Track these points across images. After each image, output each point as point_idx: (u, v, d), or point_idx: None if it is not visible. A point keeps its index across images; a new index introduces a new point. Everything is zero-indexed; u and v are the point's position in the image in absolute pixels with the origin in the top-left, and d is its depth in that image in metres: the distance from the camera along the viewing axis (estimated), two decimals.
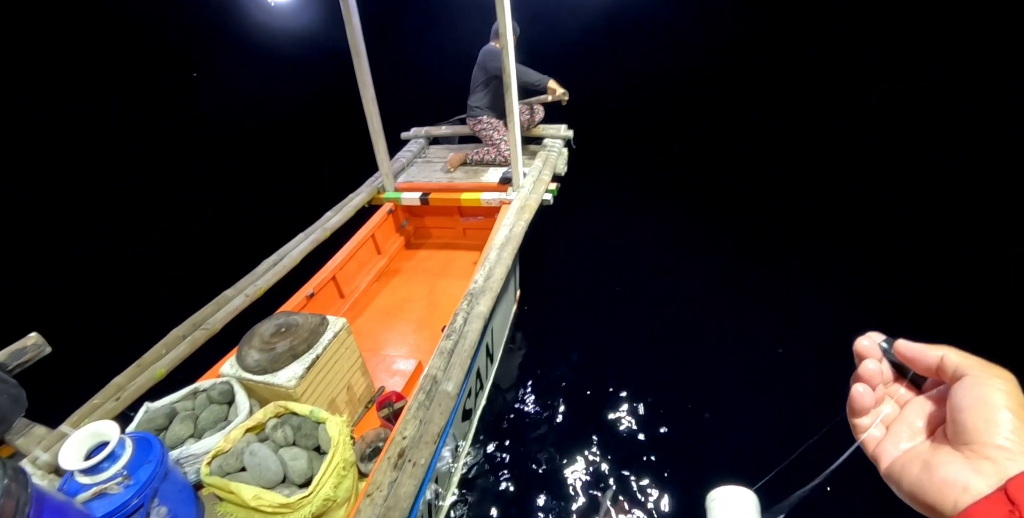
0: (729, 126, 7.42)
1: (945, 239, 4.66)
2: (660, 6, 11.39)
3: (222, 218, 6.56)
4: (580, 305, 4.48)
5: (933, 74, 7.69)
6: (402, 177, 4.31)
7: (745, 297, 4.34)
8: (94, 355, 3.12)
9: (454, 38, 5.36)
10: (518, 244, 3.27)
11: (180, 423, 2.04)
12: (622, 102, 8.33)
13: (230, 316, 2.75)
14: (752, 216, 5.42)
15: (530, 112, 4.40)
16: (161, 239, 6.21)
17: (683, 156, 6.91)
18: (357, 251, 3.75)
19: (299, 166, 7.89)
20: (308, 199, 4.39)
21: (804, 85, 8.33)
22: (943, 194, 5.26)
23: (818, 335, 3.77)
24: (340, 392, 2.51)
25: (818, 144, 6.61)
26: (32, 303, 5.06)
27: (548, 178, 3.90)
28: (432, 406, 2.19)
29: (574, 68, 9.18)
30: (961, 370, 0.48)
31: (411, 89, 8.33)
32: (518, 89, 3.84)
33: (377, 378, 2.93)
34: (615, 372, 3.77)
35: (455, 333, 2.57)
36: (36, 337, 2.35)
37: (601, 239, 5.35)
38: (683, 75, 9.07)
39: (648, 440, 3.27)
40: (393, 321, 3.59)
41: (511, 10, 3.09)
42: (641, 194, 6.19)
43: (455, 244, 4.37)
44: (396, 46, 11.36)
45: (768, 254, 4.80)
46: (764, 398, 3.42)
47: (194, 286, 3.30)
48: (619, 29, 11.27)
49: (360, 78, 3.59)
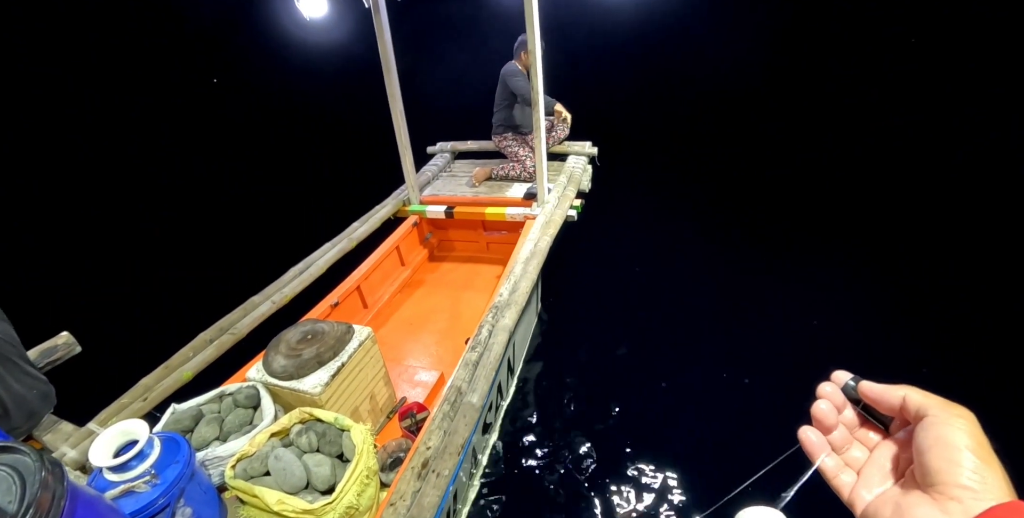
0: (752, 145, 7.41)
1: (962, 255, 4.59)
2: (684, 23, 11.48)
3: (251, 225, 6.67)
4: (600, 321, 4.44)
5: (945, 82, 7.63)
6: (428, 190, 4.35)
7: (769, 312, 4.28)
8: (123, 356, 3.16)
9: (481, 54, 5.45)
10: (543, 259, 3.27)
11: (206, 425, 2.05)
12: (646, 119, 8.36)
13: (256, 322, 2.77)
14: (776, 233, 5.37)
15: (554, 129, 4.44)
16: (190, 245, 6.34)
17: (706, 173, 6.89)
18: (382, 262, 3.77)
19: (326, 176, 8.03)
20: (334, 209, 4.44)
21: (827, 102, 8.31)
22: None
23: (844, 351, 3.72)
24: (363, 401, 2.50)
25: (848, 161, 6.56)
26: (64, 303, 5.16)
27: (573, 194, 3.91)
28: (456, 417, 2.18)
29: (600, 86, 9.32)
30: (923, 410, 0.48)
31: (437, 104, 8.46)
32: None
33: (399, 388, 2.92)
34: (635, 389, 3.71)
35: (480, 345, 2.56)
36: (67, 336, 2.39)
37: (622, 256, 5.32)
38: (708, 91, 9.11)
39: (669, 458, 3.20)
40: (416, 332, 3.59)
41: (539, 25, 3.14)
42: (664, 210, 6.16)
43: (478, 258, 4.38)
44: (424, 61, 11.60)
45: (792, 269, 4.74)
46: (795, 414, 3.34)
47: (222, 291, 3.34)
48: (643, 47, 11.38)
49: (390, 92, 3.66)
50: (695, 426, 3.40)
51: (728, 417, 3.45)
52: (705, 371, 3.82)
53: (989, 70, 7.71)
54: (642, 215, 6.08)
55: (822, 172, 6.37)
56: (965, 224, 4.86)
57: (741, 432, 3.31)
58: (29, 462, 1.10)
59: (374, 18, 3.33)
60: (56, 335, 2.36)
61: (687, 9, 11.29)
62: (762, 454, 0.67)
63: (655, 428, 3.41)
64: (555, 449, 3.34)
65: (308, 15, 3.35)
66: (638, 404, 3.60)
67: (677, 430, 3.39)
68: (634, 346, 4.12)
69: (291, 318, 2.68)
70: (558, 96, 4.32)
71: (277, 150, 9.47)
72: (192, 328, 2.63)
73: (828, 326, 4.02)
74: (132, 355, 2.79)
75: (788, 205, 5.83)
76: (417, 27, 12.09)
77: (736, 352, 3.96)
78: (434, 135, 5.06)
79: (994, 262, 4.37)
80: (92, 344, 2.52)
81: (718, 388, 3.67)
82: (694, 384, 3.73)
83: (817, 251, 4.97)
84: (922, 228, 4.96)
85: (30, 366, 2.04)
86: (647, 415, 3.52)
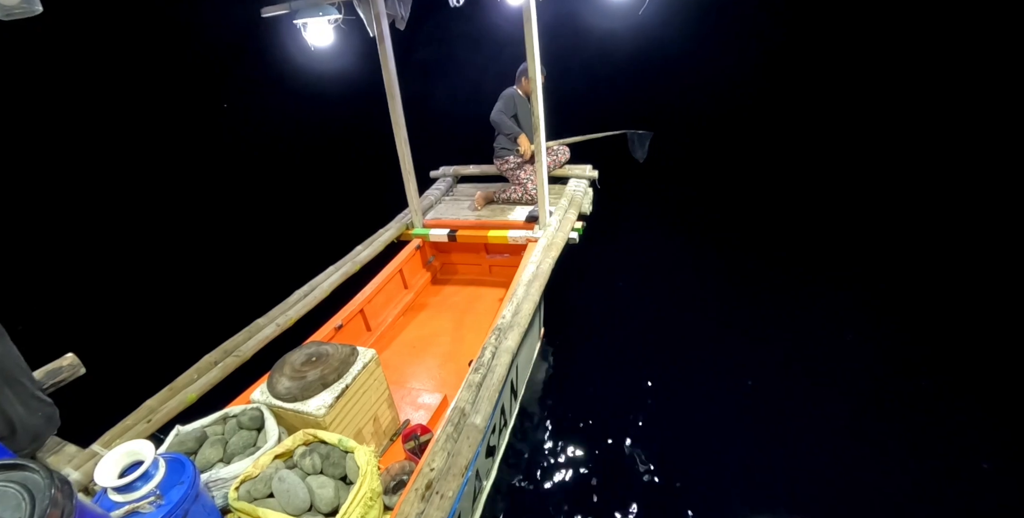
0: (751, 167, 7.50)
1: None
2: (681, 49, 11.72)
3: (256, 248, 6.73)
4: (603, 342, 4.44)
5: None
6: (431, 214, 4.40)
7: (770, 334, 4.28)
8: (127, 378, 3.17)
9: (484, 79, 5.58)
10: (545, 281, 3.29)
11: (210, 447, 2.04)
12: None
13: (261, 344, 2.79)
14: (779, 254, 5.40)
15: (555, 153, 4.51)
16: (196, 267, 6.39)
17: (707, 196, 6.97)
18: (385, 285, 3.80)
19: (331, 199, 8.13)
20: (339, 232, 4.48)
21: (823, 123, 8.44)
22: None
23: (848, 374, 3.72)
24: (367, 423, 2.50)
25: (844, 185, 6.63)
26: (69, 325, 5.18)
27: (574, 217, 3.95)
28: (460, 438, 2.17)
29: (600, 109, 9.46)
30: None
31: (441, 128, 8.61)
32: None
33: (402, 411, 2.91)
34: (639, 411, 3.69)
35: (483, 367, 2.57)
36: (72, 358, 2.41)
37: (625, 278, 5.35)
38: (708, 114, 9.26)
39: (676, 484, 3.17)
40: (419, 355, 3.59)
41: (540, 53, 3.23)
42: (665, 233, 6.22)
43: (481, 281, 4.40)
44: (428, 86, 11.84)
45: (794, 294, 4.75)
46: (798, 437, 3.31)
47: (227, 314, 3.36)
48: (643, 72, 11.62)
49: (394, 118, 3.74)
50: (699, 449, 3.38)
51: (730, 438, 3.42)
52: (709, 392, 3.81)
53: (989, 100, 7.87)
54: (643, 237, 6.13)
55: (820, 195, 6.44)
56: (966, 255, 4.90)
57: (744, 452, 3.28)
58: (39, 479, 1.11)
59: (379, 46, 3.43)
60: (61, 356, 2.38)
61: (683, 36, 11.54)
62: (772, 481, 0.68)
63: (660, 451, 3.39)
64: (559, 472, 3.31)
65: (314, 44, 3.46)
66: (642, 426, 3.58)
67: (682, 453, 3.36)
68: (637, 367, 4.11)
69: (295, 341, 2.69)
70: (560, 122, 4.39)
71: (283, 174, 9.62)
72: (197, 350, 2.64)
73: (836, 351, 4.01)
74: (136, 377, 2.79)
75: (791, 228, 5.87)
76: (422, 53, 12.36)
77: (738, 372, 3.95)
78: (437, 159, 5.14)
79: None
80: (97, 365, 2.54)
81: (723, 409, 3.65)
82: (699, 405, 3.71)
83: (821, 274, 4.99)
84: (922, 248, 5.00)
85: (36, 388, 2.04)
86: (652, 437, 3.50)
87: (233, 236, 7.21)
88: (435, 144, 5.49)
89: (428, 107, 10.10)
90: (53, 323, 5.18)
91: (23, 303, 5.70)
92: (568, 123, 4.85)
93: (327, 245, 4.05)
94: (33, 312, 5.46)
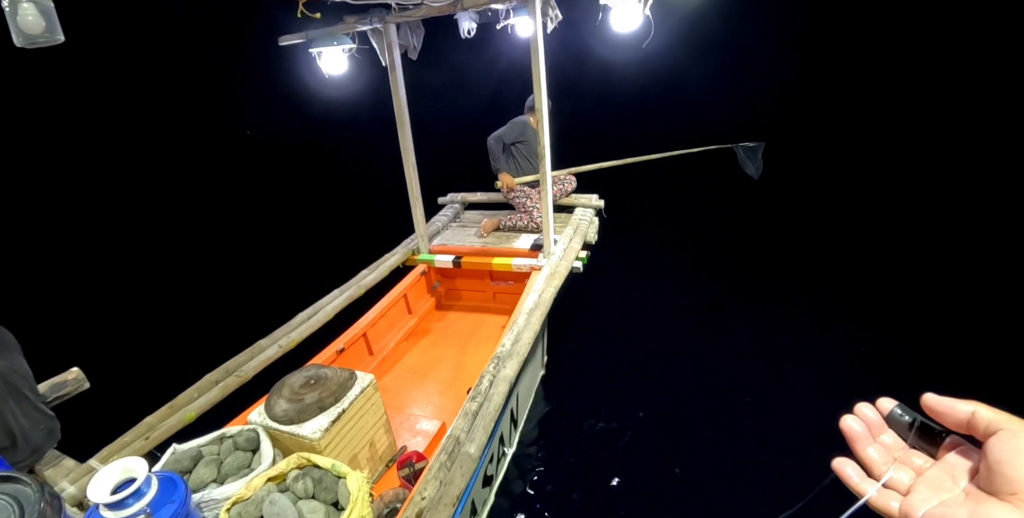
0: (758, 199, 7.53)
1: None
2: (690, 80, 11.96)
3: (264, 270, 6.81)
4: (608, 373, 4.41)
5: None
6: (437, 240, 4.45)
7: (781, 371, 4.23)
8: (129, 393, 3.20)
9: (494, 108, 5.72)
10: (547, 310, 3.31)
11: (205, 467, 2.05)
12: (653, 172, 8.57)
13: (262, 365, 2.81)
14: (787, 288, 5.39)
15: (562, 182, 4.57)
16: (202, 287, 6.47)
17: (712, 227, 7.00)
18: (389, 310, 3.83)
19: (339, 223, 8.25)
20: (345, 256, 4.54)
21: (828, 158, 8.51)
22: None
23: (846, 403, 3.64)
24: (363, 448, 2.50)
25: (845, 225, 6.65)
26: (74, 340, 5.24)
27: (579, 246, 3.98)
28: (453, 467, 2.17)
29: (606, 140, 9.59)
30: (994, 425, 0.51)
31: (448, 155, 8.77)
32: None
33: (400, 437, 2.90)
34: (643, 447, 3.65)
35: (480, 395, 2.57)
36: (77, 372, 2.45)
37: (630, 306, 5.35)
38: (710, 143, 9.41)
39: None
40: (419, 381, 3.60)
41: (547, 85, 3.32)
42: (670, 262, 6.23)
43: (485, 307, 4.41)
44: (439, 114, 12.10)
45: (804, 329, 4.71)
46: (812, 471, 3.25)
47: (231, 333, 3.39)
48: (646, 105, 11.84)
49: (403, 145, 3.83)
50: (704, 480, 3.33)
51: (736, 465, 3.37)
52: (712, 422, 3.77)
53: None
54: (649, 265, 6.14)
55: (830, 226, 6.45)
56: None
57: (755, 496, 3.22)
58: (29, 492, 1.14)
59: (390, 75, 3.54)
60: (66, 371, 2.42)
61: (689, 69, 11.78)
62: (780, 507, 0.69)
63: (662, 489, 3.33)
64: (558, 505, 3.26)
65: (328, 72, 3.58)
66: (646, 462, 3.53)
67: (685, 493, 3.30)
68: (642, 401, 4.08)
69: (297, 362, 2.72)
70: (567, 151, 4.45)
71: (295, 197, 9.80)
72: (199, 369, 2.67)
73: (842, 385, 3.96)
74: (138, 393, 2.82)
75: (796, 262, 5.87)
76: (432, 82, 12.70)
77: (740, 399, 3.93)
78: (446, 185, 5.22)
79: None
80: (99, 380, 2.57)
81: (724, 438, 3.61)
82: (703, 435, 3.67)
83: (831, 304, 4.97)
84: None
85: (40, 401, 2.08)
86: (655, 473, 3.45)
87: (242, 258, 7.31)
88: (444, 169, 5.59)
89: (439, 133, 10.31)
90: (59, 336, 5.24)
91: (30, 316, 5.78)
92: (575, 151, 4.91)
93: (334, 268, 4.10)
94: (40, 324, 5.53)
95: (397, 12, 3.21)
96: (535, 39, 3.12)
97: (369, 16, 3.27)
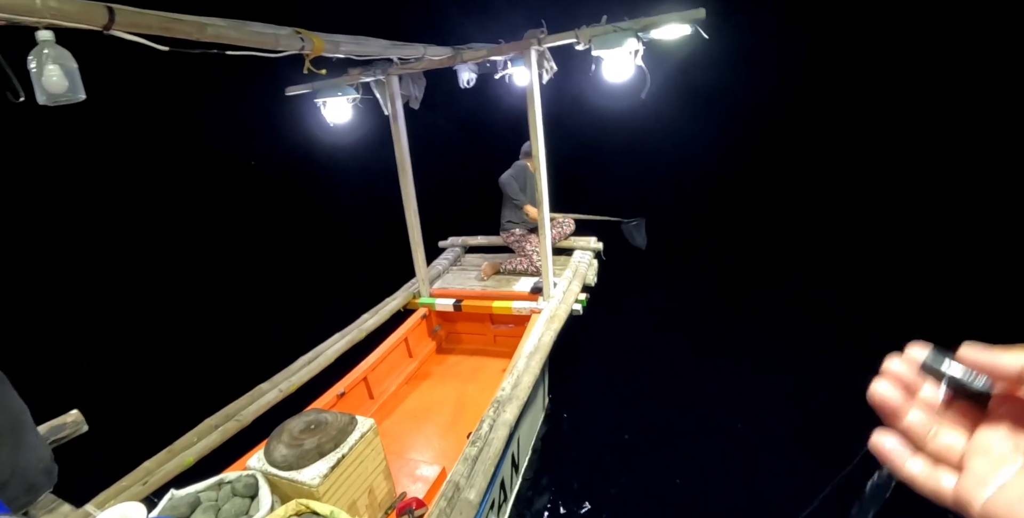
0: (757, 238, 7.64)
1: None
2: (683, 123, 12.33)
3: (265, 314, 6.83)
4: (610, 415, 4.37)
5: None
6: (438, 283, 4.50)
7: (783, 405, 4.20)
8: (127, 437, 3.18)
9: (494, 154, 5.91)
10: (547, 353, 3.32)
11: (202, 513, 2.03)
12: (649, 213, 8.75)
13: (263, 409, 2.81)
14: (785, 323, 5.40)
15: (560, 225, 4.66)
16: (203, 331, 6.47)
17: (710, 269, 7.07)
18: (389, 353, 3.84)
19: (340, 267, 8.32)
20: (346, 300, 4.58)
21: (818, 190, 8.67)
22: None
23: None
24: (362, 494, 2.47)
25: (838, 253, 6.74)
26: (73, 382, 5.22)
27: (578, 289, 4.03)
28: (453, 514, 2.15)
29: (602, 183, 9.79)
30: None
31: (448, 200, 8.96)
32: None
33: (399, 483, 2.86)
34: (650, 490, 3.59)
35: (480, 440, 2.56)
36: (76, 414, 2.45)
37: (632, 348, 5.34)
38: (704, 186, 9.65)
39: None
40: (420, 425, 3.57)
41: (543, 131, 3.45)
42: (671, 305, 6.26)
43: (485, 350, 4.42)
44: (439, 160, 12.41)
45: (805, 361, 4.70)
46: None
47: (231, 377, 3.40)
48: (641, 148, 12.17)
49: (404, 191, 3.94)
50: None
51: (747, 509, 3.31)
52: (715, 464, 3.72)
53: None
54: (648, 308, 6.17)
55: (824, 268, 6.52)
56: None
57: None
58: None
59: (392, 125, 3.68)
60: (66, 413, 2.41)
61: (679, 114, 12.17)
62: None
63: None
64: None
65: (332, 121, 3.72)
66: (652, 505, 3.47)
67: None
68: (645, 440, 4.03)
69: (298, 406, 2.71)
70: (565, 194, 4.57)
71: (297, 241, 9.93)
72: (199, 413, 2.67)
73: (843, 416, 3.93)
74: (136, 437, 2.81)
75: (794, 295, 5.91)
76: (433, 129, 13.12)
77: (745, 441, 3.87)
78: (447, 229, 5.31)
79: None
80: (98, 423, 2.57)
81: (734, 482, 3.55)
82: (707, 478, 3.61)
83: (829, 339, 4.97)
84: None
85: (39, 440, 2.07)
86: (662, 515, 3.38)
87: (244, 302, 7.35)
88: (447, 214, 5.70)
89: (440, 179, 10.57)
90: (59, 377, 5.23)
91: (32, 358, 5.77)
92: (572, 197, 5.03)
93: (335, 312, 4.13)
94: (40, 365, 5.52)
95: (399, 65, 3.37)
96: (531, 89, 3.27)
97: (373, 68, 3.43)
